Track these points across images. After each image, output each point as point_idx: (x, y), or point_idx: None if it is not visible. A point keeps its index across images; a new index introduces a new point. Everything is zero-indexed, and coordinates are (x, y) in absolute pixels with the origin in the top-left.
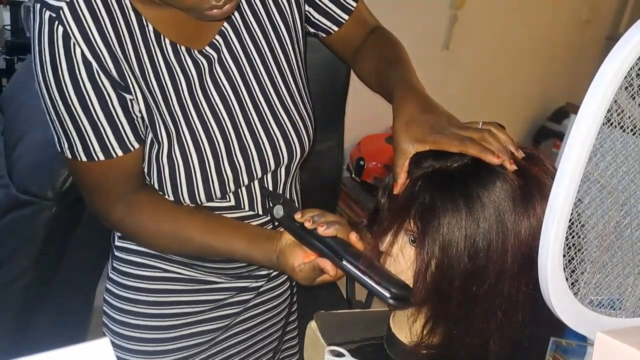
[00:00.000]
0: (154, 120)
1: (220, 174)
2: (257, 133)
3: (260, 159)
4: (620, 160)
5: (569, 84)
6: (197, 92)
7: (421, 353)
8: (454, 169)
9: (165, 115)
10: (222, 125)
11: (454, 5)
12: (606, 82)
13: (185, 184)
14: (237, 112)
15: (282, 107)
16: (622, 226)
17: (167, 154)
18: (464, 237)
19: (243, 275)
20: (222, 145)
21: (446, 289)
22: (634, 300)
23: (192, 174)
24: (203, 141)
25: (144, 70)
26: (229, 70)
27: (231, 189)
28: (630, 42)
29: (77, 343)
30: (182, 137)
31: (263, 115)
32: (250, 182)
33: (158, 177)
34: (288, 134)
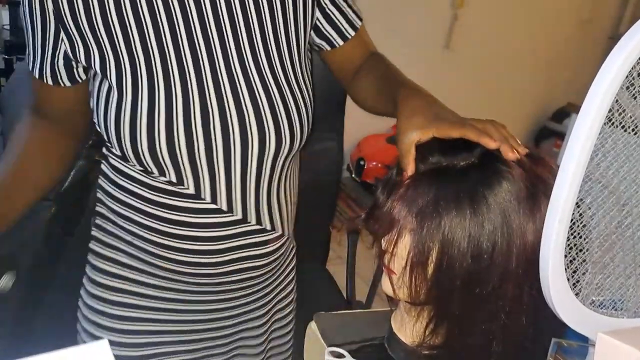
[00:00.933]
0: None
1: (170, 128)
2: (224, 97)
3: (223, 129)
4: (621, 160)
5: (570, 84)
6: (165, 36)
7: (423, 353)
8: (460, 167)
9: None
10: (185, 76)
11: (454, 5)
12: (607, 81)
13: (129, 129)
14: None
15: (260, 80)
16: (624, 226)
17: (117, 91)
18: (467, 237)
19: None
20: (180, 97)
21: (447, 289)
22: (636, 300)
23: (137, 120)
24: (159, 86)
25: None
26: (205, 19)
27: (182, 153)
28: (631, 41)
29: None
30: (138, 77)
31: (235, 80)
32: (209, 154)
33: (104, 117)
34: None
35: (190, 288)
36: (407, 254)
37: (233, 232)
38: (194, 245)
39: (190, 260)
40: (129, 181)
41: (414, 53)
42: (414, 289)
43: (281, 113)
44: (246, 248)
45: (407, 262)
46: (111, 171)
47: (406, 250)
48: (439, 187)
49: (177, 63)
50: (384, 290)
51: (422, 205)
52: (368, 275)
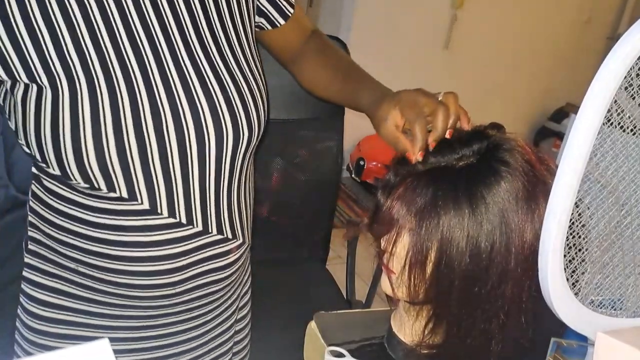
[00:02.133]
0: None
1: (119, 134)
2: (175, 93)
3: (177, 127)
4: (620, 160)
5: (569, 84)
6: (100, 28)
7: (422, 353)
8: (459, 167)
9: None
10: (128, 72)
11: (454, 5)
12: (606, 82)
13: (70, 140)
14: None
15: (212, 70)
16: (623, 226)
17: (51, 99)
18: (465, 237)
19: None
20: (126, 98)
21: (446, 289)
22: (635, 300)
23: (80, 128)
24: (101, 88)
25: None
26: (142, 5)
27: (135, 160)
28: (630, 42)
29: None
30: (75, 81)
31: (185, 73)
32: (164, 159)
33: (35, 131)
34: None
35: (144, 313)
36: (406, 254)
37: (192, 246)
38: (149, 266)
39: (144, 283)
40: (68, 205)
41: (414, 53)
42: (413, 288)
43: (237, 103)
44: (206, 261)
45: (405, 262)
46: (45, 194)
47: (405, 249)
48: (437, 187)
49: (119, 60)
50: (384, 290)
51: (421, 205)
52: (368, 275)
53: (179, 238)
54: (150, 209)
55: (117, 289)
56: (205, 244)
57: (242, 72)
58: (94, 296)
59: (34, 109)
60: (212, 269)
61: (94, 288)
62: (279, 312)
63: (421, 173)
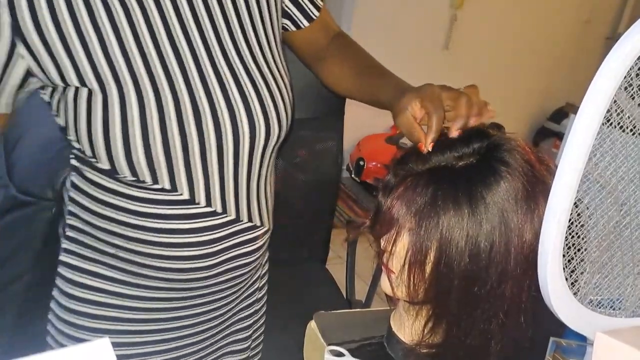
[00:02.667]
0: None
1: (165, 133)
2: (213, 95)
3: (215, 126)
4: (619, 160)
5: (569, 84)
6: (145, 39)
7: (422, 352)
8: (459, 167)
9: (100, 61)
10: (172, 78)
11: (454, 5)
12: (606, 82)
13: (121, 140)
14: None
15: (246, 73)
16: (622, 226)
17: (101, 102)
18: (465, 236)
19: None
20: (170, 101)
21: (446, 288)
22: (634, 300)
23: (131, 128)
24: (148, 92)
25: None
26: (183, 19)
27: (179, 156)
28: (629, 42)
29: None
30: (122, 85)
31: (222, 77)
32: (204, 154)
33: (88, 131)
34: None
35: (177, 295)
36: (406, 253)
37: (226, 232)
38: (186, 251)
39: (181, 267)
40: (111, 195)
41: (413, 53)
42: (412, 288)
43: (268, 103)
44: (237, 247)
45: (405, 261)
46: (88, 185)
47: (405, 249)
48: (437, 187)
49: (161, 63)
50: (383, 289)
51: (421, 205)
52: (368, 275)
53: (214, 225)
54: (189, 199)
55: (155, 272)
56: (237, 231)
57: (272, 73)
58: (130, 279)
59: (85, 110)
60: (241, 254)
61: (132, 272)
62: (279, 312)
63: (421, 173)
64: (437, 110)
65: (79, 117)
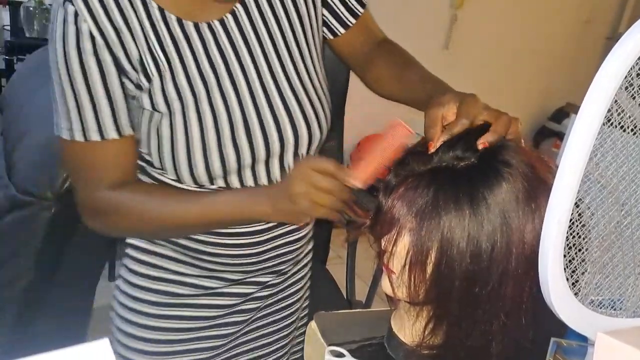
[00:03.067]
0: (158, 92)
1: (221, 149)
2: (262, 111)
3: (264, 139)
4: (620, 160)
5: (569, 84)
6: (205, 67)
7: (422, 353)
8: (460, 168)
9: (169, 88)
10: (227, 100)
11: (454, 5)
12: (606, 81)
13: (185, 157)
14: (244, 88)
15: (290, 90)
16: (623, 226)
17: (168, 124)
18: (466, 237)
19: (248, 280)
20: (225, 120)
21: (447, 289)
22: (635, 300)
23: (191, 147)
24: (206, 114)
25: (149, 44)
26: (237, 48)
27: (232, 168)
28: (630, 41)
29: (76, 343)
30: (186, 108)
31: (270, 95)
32: (254, 164)
33: (158, 149)
34: (295, 117)
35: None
36: (406, 254)
37: (273, 224)
38: (239, 239)
39: (234, 253)
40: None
41: (413, 53)
42: (413, 288)
43: (309, 112)
44: (283, 236)
45: (406, 262)
46: (153, 182)
47: (405, 249)
48: (438, 187)
49: (218, 86)
50: (384, 290)
51: (422, 205)
52: (368, 275)
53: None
54: None
55: (207, 263)
56: (283, 222)
57: (312, 83)
58: (186, 270)
59: (155, 130)
60: (287, 242)
61: (190, 257)
62: None
63: (422, 173)
64: (466, 117)
65: (149, 137)
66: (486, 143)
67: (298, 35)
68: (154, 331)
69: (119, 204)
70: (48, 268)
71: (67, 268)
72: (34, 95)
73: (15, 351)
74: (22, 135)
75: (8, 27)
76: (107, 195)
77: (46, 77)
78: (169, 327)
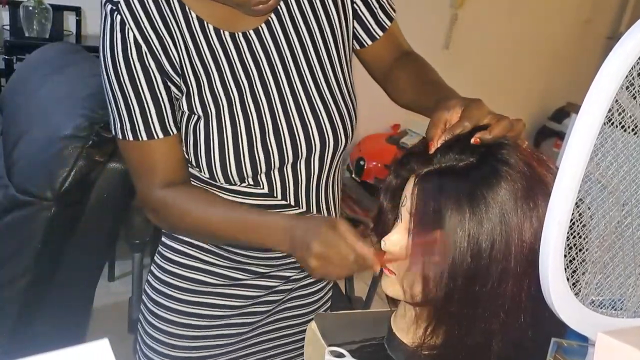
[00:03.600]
0: (195, 96)
1: (252, 152)
2: (291, 117)
3: (292, 143)
4: (621, 160)
5: (570, 84)
6: (240, 74)
7: (422, 354)
8: (460, 168)
9: (206, 92)
10: (259, 106)
11: (454, 5)
12: (607, 81)
13: (219, 158)
14: (275, 95)
15: (319, 97)
16: (623, 226)
17: (204, 126)
18: (467, 236)
19: (273, 274)
20: (256, 125)
21: (447, 289)
22: (635, 300)
23: (225, 149)
24: (239, 118)
25: (189, 52)
26: (270, 56)
27: (262, 169)
28: (630, 41)
29: (76, 343)
30: (221, 113)
31: (299, 102)
32: (282, 166)
33: (194, 150)
34: (322, 124)
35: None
36: (406, 255)
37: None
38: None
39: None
40: (204, 185)
41: None
42: (413, 289)
43: (336, 118)
44: None
45: (405, 263)
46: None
47: (405, 250)
48: (438, 188)
49: (250, 92)
50: (384, 291)
51: (422, 206)
52: (368, 275)
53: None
54: (268, 193)
55: (236, 256)
56: None
57: (341, 90)
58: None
59: (192, 132)
60: None
61: (222, 249)
62: None
63: (423, 174)
64: (469, 120)
65: (189, 138)
66: (478, 140)
67: (329, 46)
68: (183, 316)
69: (166, 203)
70: (48, 268)
71: (67, 268)
72: (34, 95)
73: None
74: (21, 136)
75: (7, 26)
76: (158, 194)
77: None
78: (198, 313)
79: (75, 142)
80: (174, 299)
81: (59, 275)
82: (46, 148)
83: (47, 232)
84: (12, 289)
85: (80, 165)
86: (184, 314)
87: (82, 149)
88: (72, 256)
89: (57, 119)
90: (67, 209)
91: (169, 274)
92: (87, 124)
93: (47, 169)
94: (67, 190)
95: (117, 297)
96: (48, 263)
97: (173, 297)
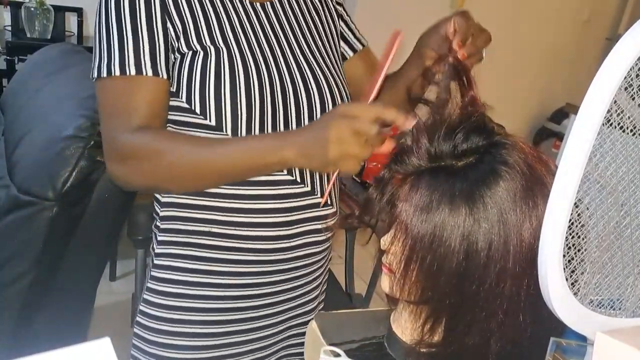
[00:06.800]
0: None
1: (262, 87)
2: (292, 68)
3: (293, 88)
4: (620, 160)
5: (569, 84)
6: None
7: (422, 352)
8: (458, 167)
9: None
10: (264, 54)
11: (454, 5)
12: (606, 82)
13: (229, 94)
14: (276, 49)
15: (304, 59)
16: (622, 226)
17: (214, 63)
18: (459, 235)
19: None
20: (263, 65)
21: (445, 288)
22: (634, 300)
23: (237, 83)
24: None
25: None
26: (272, 22)
27: (268, 108)
28: (630, 42)
29: (77, 343)
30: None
31: (288, 59)
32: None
33: (200, 89)
34: (306, 78)
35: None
36: (404, 253)
37: (302, 203)
38: (271, 218)
39: (268, 234)
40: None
41: None
42: (411, 287)
43: (322, 81)
44: (311, 221)
45: (404, 261)
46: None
47: (403, 249)
48: (436, 187)
49: (257, 42)
50: (383, 289)
51: (420, 204)
52: (368, 275)
53: (293, 194)
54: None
55: (244, 242)
56: (311, 205)
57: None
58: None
59: (200, 72)
60: (314, 230)
61: (223, 247)
62: None
63: (421, 172)
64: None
65: (194, 79)
66: (465, 54)
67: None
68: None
69: (143, 145)
70: (49, 268)
71: (68, 268)
72: (35, 96)
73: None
74: (22, 136)
75: (9, 27)
76: (132, 138)
77: (47, 77)
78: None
79: (77, 142)
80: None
81: (60, 275)
82: (48, 148)
83: (49, 232)
84: (14, 289)
85: (82, 165)
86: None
87: (83, 149)
88: (74, 256)
89: (59, 119)
90: (68, 209)
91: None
92: (88, 124)
93: (48, 169)
94: (69, 191)
95: (118, 296)
96: (49, 263)
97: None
